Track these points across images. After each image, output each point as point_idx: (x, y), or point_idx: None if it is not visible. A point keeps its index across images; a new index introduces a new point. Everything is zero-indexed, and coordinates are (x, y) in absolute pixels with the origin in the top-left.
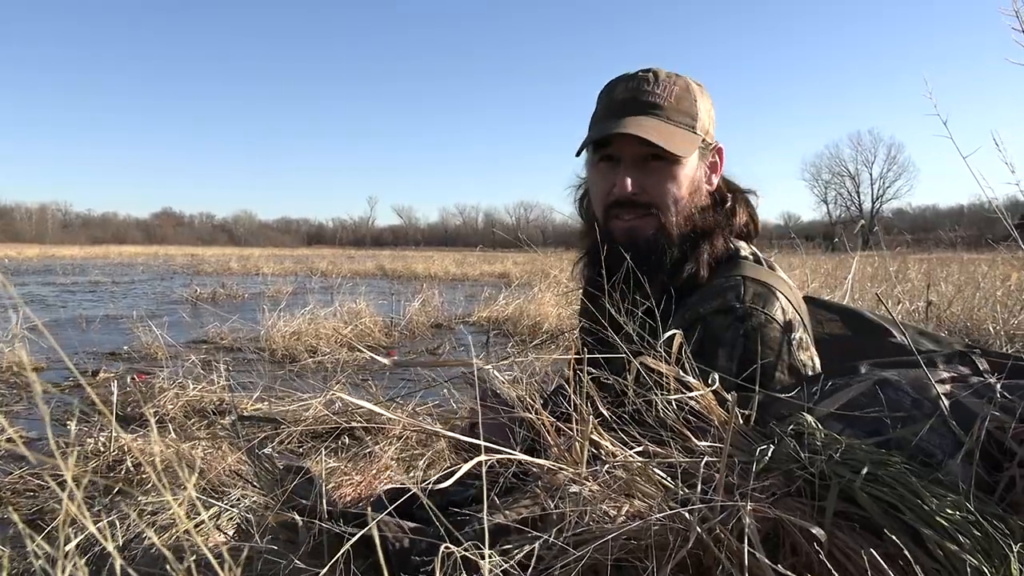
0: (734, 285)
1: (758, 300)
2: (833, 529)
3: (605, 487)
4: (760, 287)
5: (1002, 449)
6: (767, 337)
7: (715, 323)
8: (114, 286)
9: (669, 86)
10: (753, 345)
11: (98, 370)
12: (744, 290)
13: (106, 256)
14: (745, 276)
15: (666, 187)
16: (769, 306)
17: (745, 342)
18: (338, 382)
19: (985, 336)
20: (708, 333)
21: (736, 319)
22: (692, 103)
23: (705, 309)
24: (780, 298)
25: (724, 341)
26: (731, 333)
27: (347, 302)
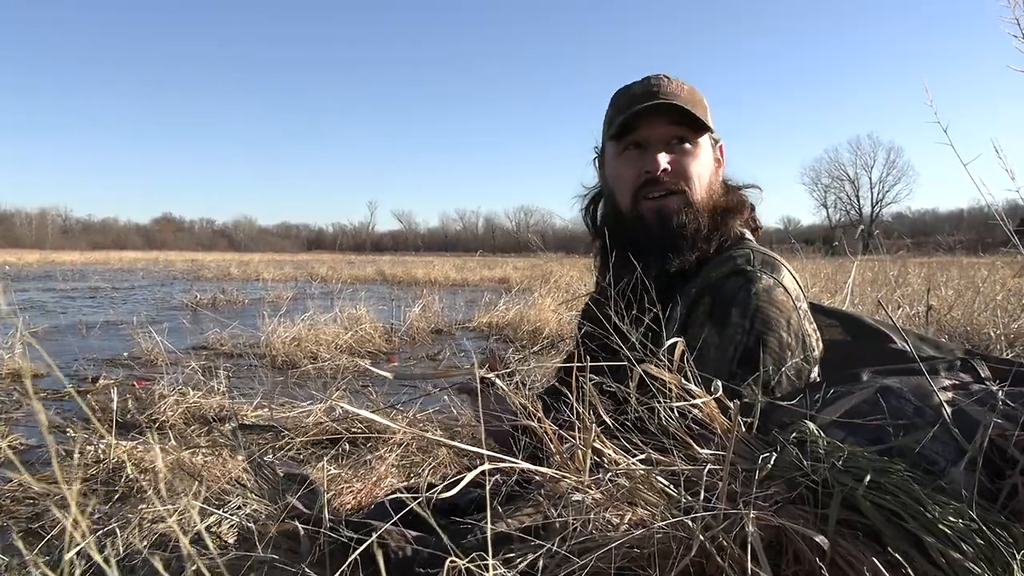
0: (743, 253)
1: (766, 266)
2: (836, 537)
3: (608, 495)
4: (768, 257)
5: (1004, 457)
6: (776, 299)
7: (727, 285)
8: (114, 292)
9: (680, 85)
10: (764, 304)
11: (98, 376)
12: (753, 256)
13: (106, 262)
14: (753, 248)
15: (692, 166)
16: (777, 272)
17: (757, 300)
18: (338, 389)
19: (985, 341)
20: (720, 295)
21: (747, 280)
22: (701, 100)
23: (716, 274)
24: (786, 271)
25: (737, 301)
26: (743, 293)
27: (347, 308)
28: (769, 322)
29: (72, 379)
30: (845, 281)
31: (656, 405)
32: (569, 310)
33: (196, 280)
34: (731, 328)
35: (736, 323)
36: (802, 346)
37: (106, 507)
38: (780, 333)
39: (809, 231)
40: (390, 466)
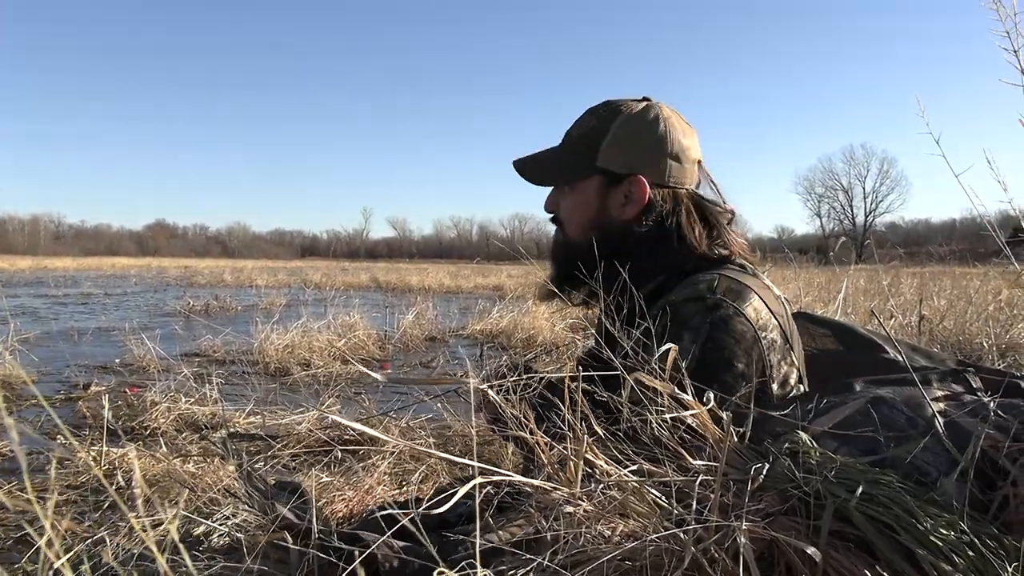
0: (708, 279)
1: (729, 294)
2: (828, 549)
3: (599, 507)
4: (735, 284)
5: (996, 468)
6: (734, 329)
7: (684, 309)
8: (106, 298)
9: (588, 121)
10: (718, 333)
11: (89, 383)
12: (717, 283)
13: (99, 268)
14: (721, 273)
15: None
16: (740, 302)
17: (710, 329)
18: (331, 396)
19: (977, 351)
20: (675, 317)
21: (705, 307)
22: (600, 139)
23: (676, 297)
24: (754, 299)
25: (690, 325)
26: (698, 319)
27: (341, 315)
28: (721, 351)
29: (63, 385)
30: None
31: (648, 415)
32: (563, 319)
33: (189, 286)
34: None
35: (686, 347)
36: (762, 376)
37: (96, 515)
38: (734, 363)
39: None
40: (383, 474)
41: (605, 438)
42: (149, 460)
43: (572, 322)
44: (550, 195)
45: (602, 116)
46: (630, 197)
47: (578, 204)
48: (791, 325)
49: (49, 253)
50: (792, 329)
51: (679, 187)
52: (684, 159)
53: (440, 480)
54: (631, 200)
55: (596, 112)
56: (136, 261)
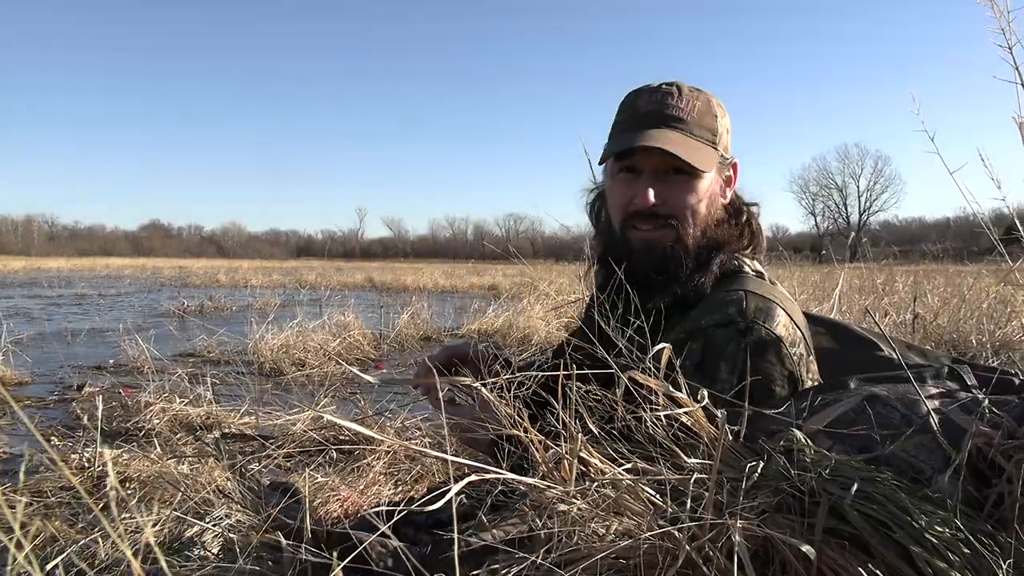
0: (736, 299)
1: (759, 314)
2: (822, 546)
3: (593, 505)
4: (762, 301)
5: (991, 465)
6: (768, 351)
7: (717, 336)
8: (100, 299)
9: (692, 100)
10: (755, 360)
11: (83, 384)
12: (746, 304)
13: (93, 268)
14: (747, 290)
15: (686, 200)
16: (770, 321)
17: (746, 356)
18: (326, 396)
19: (971, 348)
20: (709, 346)
21: (738, 332)
22: (713, 119)
23: (707, 321)
24: (781, 314)
25: (726, 355)
26: (732, 347)
27: (336, 315)
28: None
29: (57, 387)
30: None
31: (643, 413)
32: (558, 317)
33: (184, 287)
34: (719, 384)
35: (724, 379)
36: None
37: (90, 516)
38: (773, 389)
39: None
40: (378, 474)
41: (600, 437)
42: (143, 461)
43: (568, 321)
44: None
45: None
46: (730, 183)
47: (700, 194)
48: (807, 329)
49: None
50: (808, 334)
51: None
52: None
53: (435, 479)
54: (730, 187)
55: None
56: (130, 261)
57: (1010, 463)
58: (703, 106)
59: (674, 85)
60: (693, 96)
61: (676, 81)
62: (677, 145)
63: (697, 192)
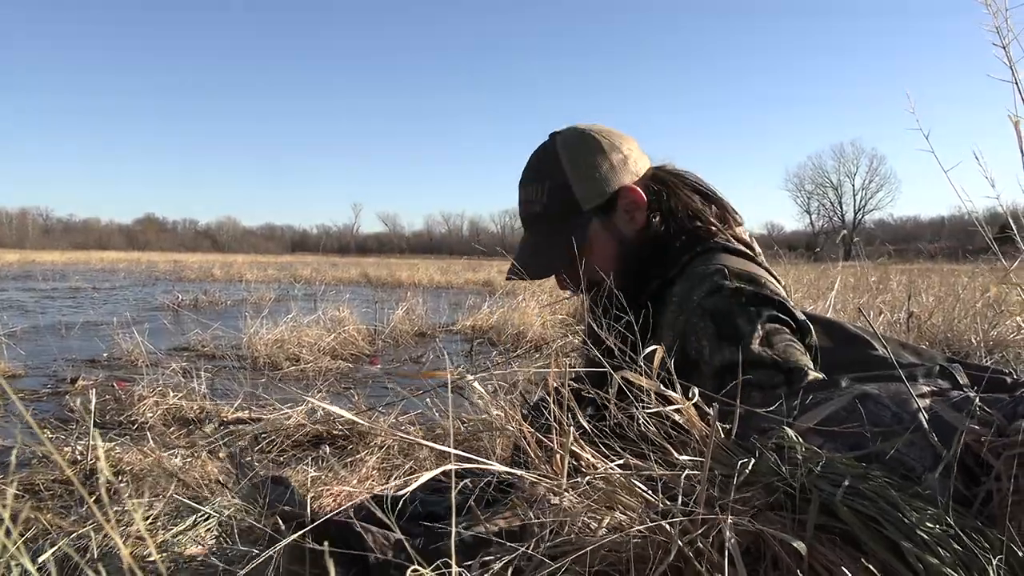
0: (716, 270)
1: (743, 278)
2: (813, 542)
3: (585, 498)
4: (741, 270)
5: (980, 462)
6: (770, 301)
7: (716, 302)
8: (95, 292)
9: (540, 186)
10: (761, 309)
11: (77, 377)
12: (728, 271)
13: (87, 262)
14: (724, 263)
15: (591, 269)
16: (755, 284)
17: (752, 307)
18: (320, 391)
19: (966, 347)
20: (716, 312)
21: (732, 292)
22: (568, 190)
23: (697, 295)
24: (767, 279)
25: (734, 311)
26: (735, 302)
27: (330, 310)
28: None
29: (51, 380)
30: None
31: (635, 411)
32: (553, 314)
33: (178, 281)
34: (746, 337)
35: (747, 330)
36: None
37: (83, 509)
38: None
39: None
40: (371, 468)
41: (592, 433)
42: (137, 454)
43: (563, 318)
44: (560, 281)
45: (547, 173)
46: (630, 209)
47: (601, 255)
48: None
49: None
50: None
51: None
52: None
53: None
54: (633, 210)
55: (536, 178)
56: (125, 255)
57: (999, 460)
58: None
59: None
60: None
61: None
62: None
63: (594, 258)
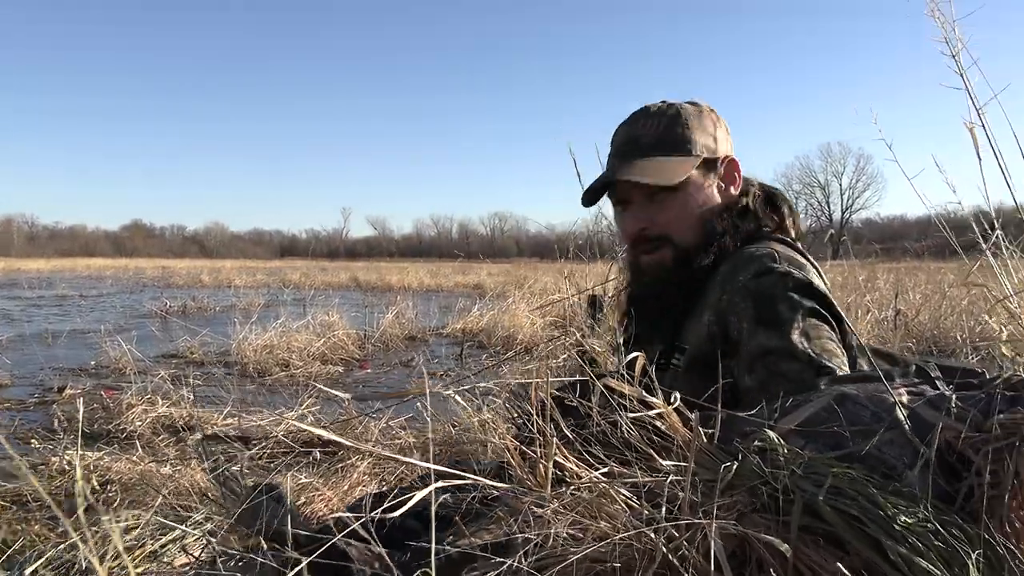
0: (766, 253)
1: (793, 264)
2: (798, 543)
3: (570, 509)
4: (790, 255)
5: (960, 458)
6: (814, 293)
7: (762, 284)
8: (82, 300)
9: (658, 120)
10: (806, 295)
11: (64, 386)
12: (778, 256)
13: (74, 269)
14: (772, 247)
15: (670, 216)
16: (804, 271)
17: (798, 293)
18: (310, 397)
19: (952, 344)
20: (759, 295)
21: (780, 275)
22: (684, 129)
23: (744, 277)
24: (812, 271)
25: (779, 297)
26: (780, 288)
27: (320, 315)
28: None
29: (38, 389)
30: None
31: (617, 418)
32: (542, 317)
33: (166, 287)
34: (786, 324)
35: (787, 317)
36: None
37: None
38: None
39: None
40: (362, 474)
41: (575, 441)
42: (125, 463)
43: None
44: (634, 216)
45: (668, 113)
46: (729, 179)
47: (687, 203)
48: None
49: (23, 254)
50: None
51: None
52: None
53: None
54: (731, 183)
55: (658, 112)
56: (112, 262)
57: (978, 456)
58: (670, 121)
59: (644, 109)
60: (661, 113)
61: (648, 104)
62: (638, 172)
63: (684, 204)
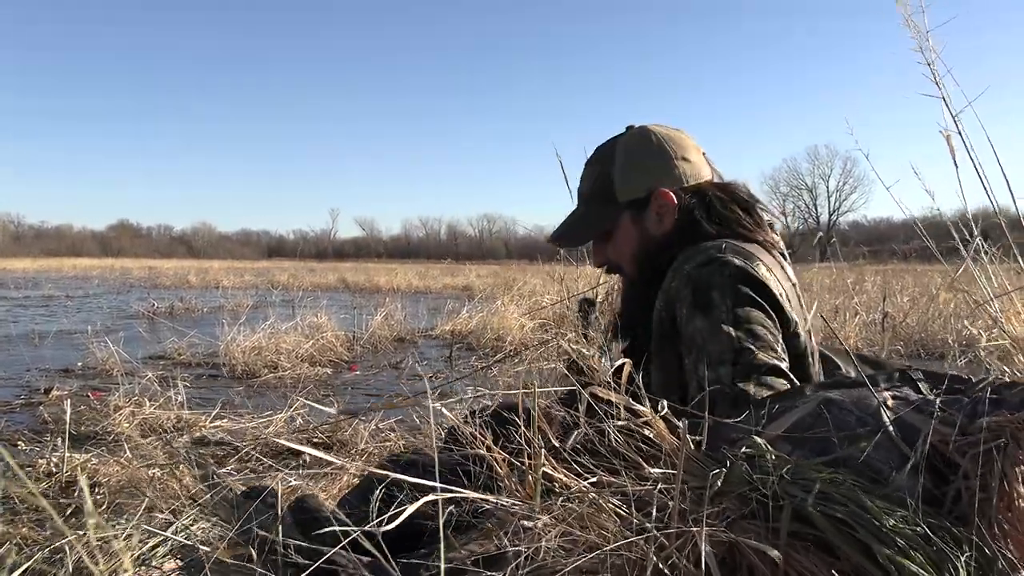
0: (715, 245)
1: (739, 255)
2: (788, 550)
3: (559, 520)
4: (740, 248)
5: (947, 462)
6: (753, 282)
7: (702, 273)
8: (68, 300)
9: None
10: (740, 285)
11: (51, 387)
12: (724, 247)
13: (60, 269)
14: (727, 241)
15: (615, 254)
16: (751, 261)
17: (732, 281)
18: (299, 398)
19: (940, 347)
20: (697, 282)
21: (720, 264)
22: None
23: (689, 265)
24: (762, 265)
25: (714, 283)
26: (718, 277)
27: (308, 316)
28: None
29: (24, 390)
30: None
31: (605, 427)
32: (533, 319)
33: (153, 288)
34: (716, 310)
35: (719, 304)
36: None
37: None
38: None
39: None
40: (352, 476)
41: (563, 451)
42: (113, 466)
43: (542, 322)
44: (594, 254)
45: (602, 160)
46: (661, 211)
47: (623, 244)
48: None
49: (8, 254)
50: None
51: (700, 181)
52: (691, 156)
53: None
54: (663, 213)
55: (595, 161)
56: (99, 262)
57: (965, 459)
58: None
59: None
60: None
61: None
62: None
63: (618, 245)
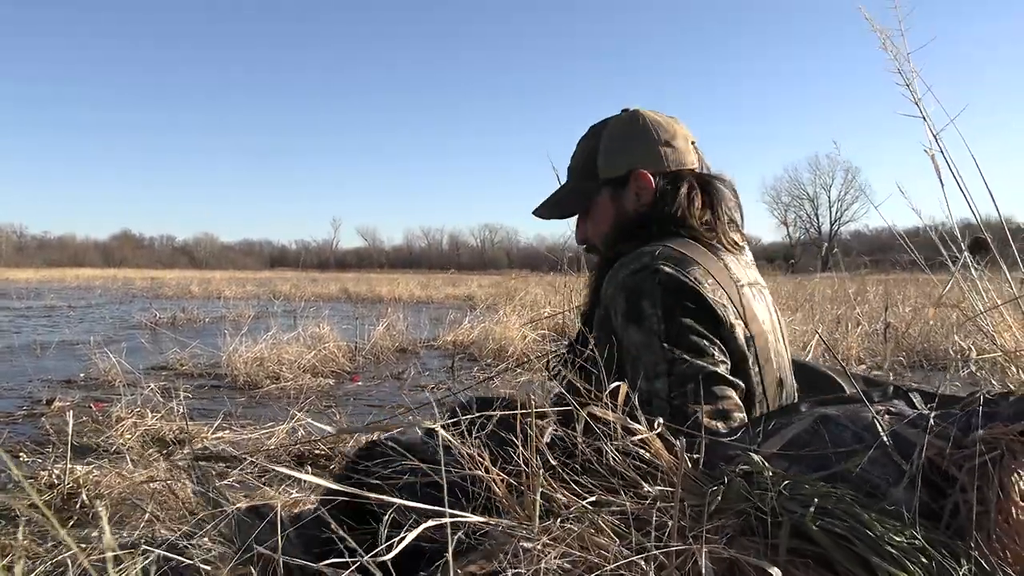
0: (650, 251)
1: (671, 261)
2: (787, 566)
3: (559, 541)
4: (677, 254)
5: (944, 476)
6: (685, 290)
7: (635, 280)
8: (70, 311)
9: (584, 145)
10: (669, 293)
11: (53, 398)
12: (659, 252)
13: (62, 279)
14: (665, 244)
15: (592, 231)
16: (684, 266)
17: (662, 290)
18: (301, 410)
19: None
20: (630, 290)
21: (652, 272)
22: (594, 157)
23: (623, 273)
24: (697, 268)
25: (645, 292)
26: (648, 284)
27: (310, 326)
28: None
29: (26, 401)
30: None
31: (603, 446)
32: (534, 329)
33: (156, 298)
34: (647, 321)
35: (650, 313)
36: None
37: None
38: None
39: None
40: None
41: (562, 471)
42: (115, 477)
43: (543, 332)
44: (577, 229)
45: (591, 136)
46: (639, 192)
47: (600, 221)
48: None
49: (11, 264)
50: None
51: (682, 168)
52: (676, 143)
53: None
54: (641, 193)
55: (585, 137)
56: (101, 272)
57: (962, 472)
58: (587, 149)
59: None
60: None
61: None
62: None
63: (595, 222)
